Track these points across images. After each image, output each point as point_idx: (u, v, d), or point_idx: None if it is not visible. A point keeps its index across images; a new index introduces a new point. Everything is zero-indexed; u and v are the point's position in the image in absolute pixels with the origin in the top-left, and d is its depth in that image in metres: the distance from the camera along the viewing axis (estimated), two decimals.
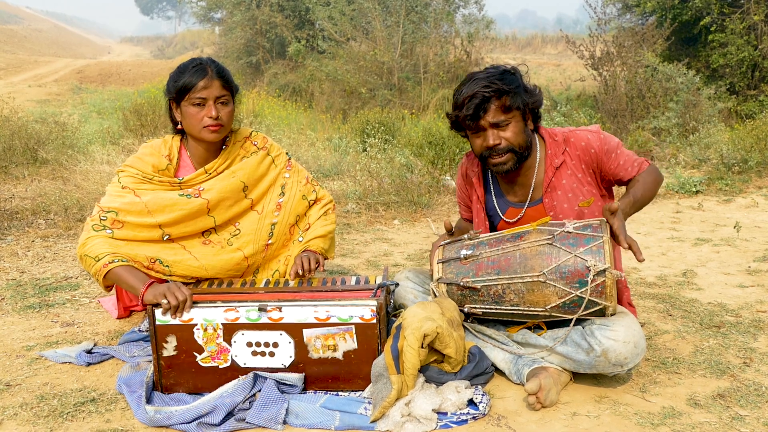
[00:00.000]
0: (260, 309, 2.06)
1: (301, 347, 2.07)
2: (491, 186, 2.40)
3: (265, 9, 15.98)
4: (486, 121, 2.16)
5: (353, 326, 2.03)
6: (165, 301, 2.06)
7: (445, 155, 5.72)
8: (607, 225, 2.08)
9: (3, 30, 39.53)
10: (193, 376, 2.10)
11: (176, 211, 2.37)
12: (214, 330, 2.07)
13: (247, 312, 2.06)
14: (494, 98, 2.14)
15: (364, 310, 2.02)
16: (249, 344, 2.08)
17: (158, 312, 2.07)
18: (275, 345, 2.07)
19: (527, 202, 2.32)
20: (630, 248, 2.00)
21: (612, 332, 2.04)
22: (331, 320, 2.04)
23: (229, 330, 2.06)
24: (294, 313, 2.05)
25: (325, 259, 2.61)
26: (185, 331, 2.07)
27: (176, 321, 2.06)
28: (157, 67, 23.36)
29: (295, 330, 2.06)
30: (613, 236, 2.04)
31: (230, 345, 2.08)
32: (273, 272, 2.55)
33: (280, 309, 2.06)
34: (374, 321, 2.03)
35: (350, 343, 2.05)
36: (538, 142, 2.31)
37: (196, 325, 2.06)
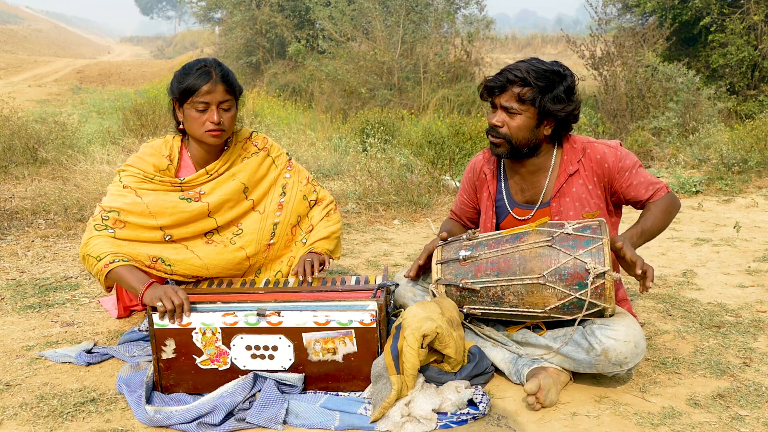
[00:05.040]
0: (259, 314, 2.04)
1: (300, 350, 2.06)
2: (503, 184, 2.41)
3: (265, 9, 15.98)
4: (500, 100, 2.23)
5: (353, 330, 2.02)
6: (160, 303, 2.04)
7: (445, 155, 5.72)
8: (606, 226, 2.08)
9: (3, 30, 39.53)
10: (193, 377, 2.09)
11: (177, 214, 2.38)
12: (213, 334, 2.05)
13: (245, 316, 2.04)
14: (517, 84, 2.18)
15: (364, 315, 2.01)
16: (248, 347, 2.07)
17: (156, 315, 2.05)
18: (274, 348, 2.06)
19: (538, 204, 2.32)
20: (644, 275, 2.00)
21: (613, 331, 2.04)
22: (331, 324, 2.02)
23: (228, 334, 2.05)
24: (293, 317, 2.04)
25: (331, 259, 2.61)
26: (184, 335, 2.06)
27: (174, 325, 2.05)
28: (157, 67, 23.36)
29: (294, 334, 2.04)
30: (626, 266, 2.04)
31: (229, 348, 2.07)
32: (275, 273, 2.55)
33: (279, 313, 2.04)
34: (374, 325, 2.01)
35: (350, 347, 2.04)
36: (556, 148, 2.31)
37: (194, 329, 2.05)
